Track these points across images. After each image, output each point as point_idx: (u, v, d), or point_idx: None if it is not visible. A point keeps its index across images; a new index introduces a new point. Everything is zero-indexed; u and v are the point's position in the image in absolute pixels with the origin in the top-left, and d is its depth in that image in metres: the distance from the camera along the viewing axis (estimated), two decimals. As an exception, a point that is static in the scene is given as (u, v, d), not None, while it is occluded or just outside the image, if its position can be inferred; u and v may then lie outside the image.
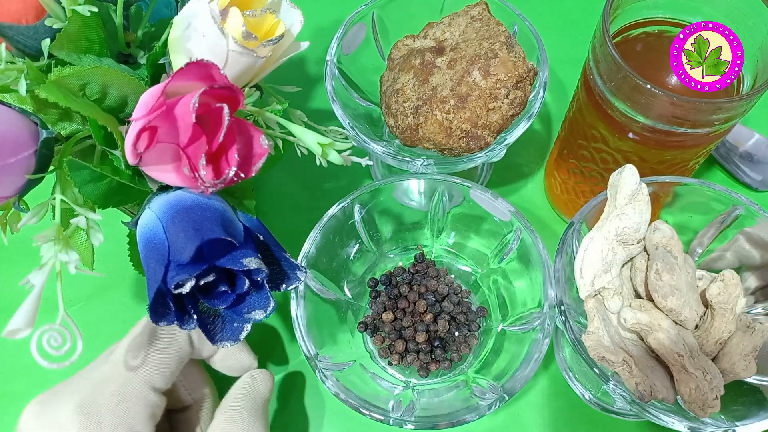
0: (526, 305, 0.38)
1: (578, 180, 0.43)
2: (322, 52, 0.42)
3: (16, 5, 0.29)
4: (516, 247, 0.39)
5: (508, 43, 0.37)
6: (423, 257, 0.43)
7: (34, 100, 0.29)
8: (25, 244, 0.33)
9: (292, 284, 0.32)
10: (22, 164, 0.26)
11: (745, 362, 0.30)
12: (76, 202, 0.29)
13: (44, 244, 0.27)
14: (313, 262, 0.38)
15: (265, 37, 0.30)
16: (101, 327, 0.45)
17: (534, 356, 0.34)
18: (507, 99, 0.37)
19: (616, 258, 0.32)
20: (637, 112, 0.33)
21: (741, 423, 0.29)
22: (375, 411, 0.33)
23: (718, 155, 0.50)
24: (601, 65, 0.34)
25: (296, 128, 0.32)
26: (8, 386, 0.44)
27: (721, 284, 0.31)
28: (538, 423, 0.42)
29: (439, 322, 0.40)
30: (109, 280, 0.47)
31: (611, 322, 0.32)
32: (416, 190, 0.41)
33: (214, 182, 0.26)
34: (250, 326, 0.30)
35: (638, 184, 0.33)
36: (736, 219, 0.35)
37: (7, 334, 0.26)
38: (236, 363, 0.38)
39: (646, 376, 0.30)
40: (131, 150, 0.26)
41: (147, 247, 0.28)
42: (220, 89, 0.25)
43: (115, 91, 0.29)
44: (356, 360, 0.39)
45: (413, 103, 0.38)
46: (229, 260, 0.28)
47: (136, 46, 0.34)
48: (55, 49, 0.29)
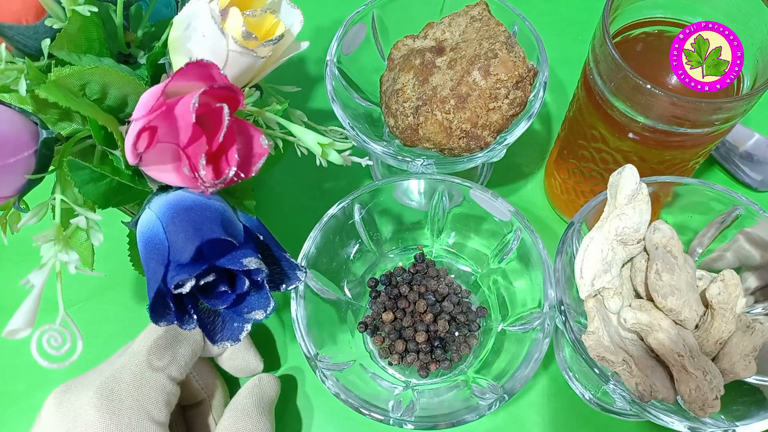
0: (526, 305, 0.38)
1: (578, 180, 0.43)
2: (322, 52, 0.42)
3: (16, 5, 0.29)
4: (516, 247, 0.39)
5: (508, 43, 0.37)
6: (423, 257, 0.43)
7: (34, 100, 0.29)
8: (25, 244, 0.33)
9: (292, 284, 0.32)
10: (22, 164, 0.26)
11: (745, 362, 0.30)
12: (76, 202, 0.29)
13: (44, 244, 0.27)
14: (313, 262, 0.38)
15: (265, 37, 0.30)
16: (101, 327, 0.45)
17: (534, 356, 0.34)
18: (507, 99, 0.37)
19: (616, 258, 0.32)
20: (637, 112, 0.33)
21: (741, 423, 0.29)
22: (375, 411, 0.33)
23: (718, 155, 0.50)
24: (601, 65, 0.34)
25: (296, 128, 0.32)
26: (8, 386, 0.44)
27: (721, 284, 0.31)
28: (538, 423, 0.42)
29: (439, 322, 0.40)
30: (109, 280, 0.47)
31: (611, 322, 0.32)
32: (416, 190, 0.41)
33: (214, 182, 0.26)
34: (250, 326, 0.30)
35: (638, 184, 0.33)
36: (736, 219, 0.35)
37: (7, 334, 0.26)
38: (243, 363, 0.40)
39: (646, 376, 0.30)
40: (131, 150, 0.26)
41: (147, 247, 0.28)
42: (220, 89, 0.25)
43: (115, 91, 0.29)
44: (356, 360, 0.39)
45: (413, 103, 0.38)
46: (229, 260, 0.28)
47: (136, 46, 0.34)
48: (55, 49, 0.29)
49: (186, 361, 0.36)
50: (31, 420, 0.33)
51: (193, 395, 0.39)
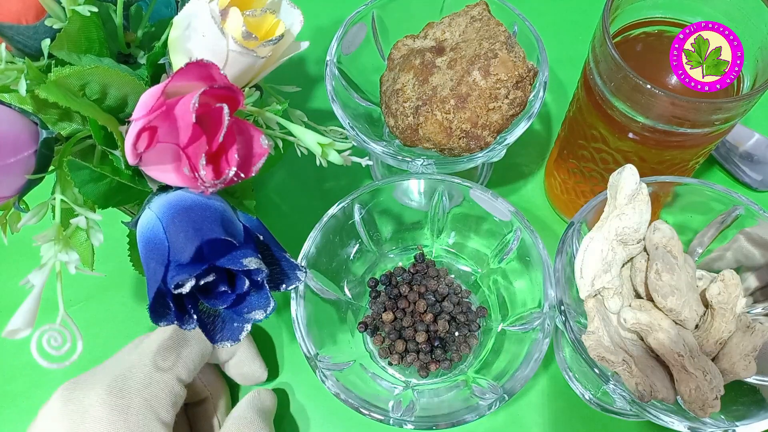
0: (526, 305, 0.38)
1: (578, 180, 0.43)
2: (322, 52, 0.42)
3: (16, 5, 0.29)
4: (516, 247, 0.39)
5: (508, 43, 0.37)
6: (423, 257, 0.43)
7: (34, 100, 0.29)
8: (25, 244, 0.33)
9: (292, 284, 0.32)
10: (22, 164, 0.26)
11: (745, 362, 0.30)
12: (76, 202, 0.29)
13: (44, 244, 0.27)
14: (313, 262, 0.38)
15: (265, 37, 0.30)
16: (101, 327, 0.45)
17: (534, 356, 0.34)
18: (507, 99, 0.37)
19: (616, 258, 0.32)
20: (637, 112, 0.33)
21: (741, 423, 0.29)
22: (375, 411, 0.33)
23: (718, 155, 0.50)
24: (601, 65, 0.34)
25: (296, 128, 0.32)
26: (8, 386, 0.44)
27: (721, 284, 0.31)
28: (538, 423, 0.42)
29: (439, 322, 0.40)
30: (109, 280, 0.47)
31: (611, 322, 0.32)
32: (416, 190, 0.41)
33: (214, 182, 0.26)
34: (250, 326, 0.30)
35: (638, 184, 0.33)
36: (736, 219, 0.35)
37: (7, 334, 0.26)
38: (249, 371, 0.41)
39: (646, 376, 0.30)
40: (131, 150, 0.26)
41: (147, 247, 0.28)
42: (220, 89, 0.25)
43: (115, 91, 0.29)
44: (356, 360, 0.39)
45: (413, 103, 0.38)
46: (229, 260, 0.28)
47: (136, 46, 0.34)
48: (55, 49, 0.29)
49: (195, 364, 0.36)
50: (31, 420, 0.33)
51: (197, 393, 0.39)
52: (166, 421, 0.33)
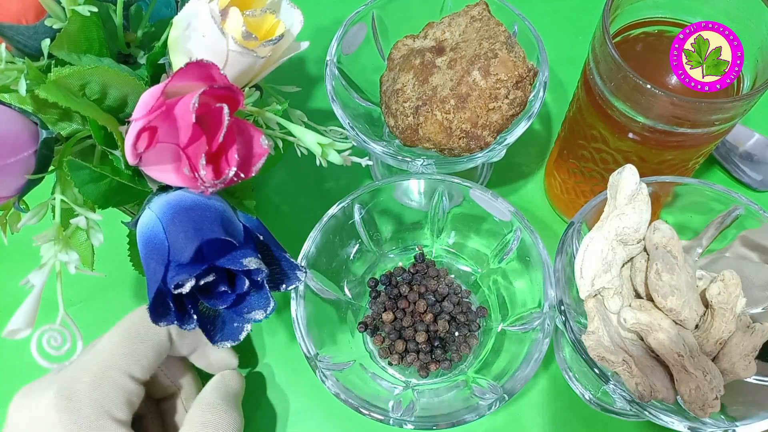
0: (526, 305, 0.38)
1: (578, 180, 0.43)
2: (322, 52, 0.42)
3: (16, 5, 0.29)
4: (516, 247, 0.39)
5: (508, 43, 0.37)
6: (423, 257, 0.43)
7: (34, 100, 0.29)
8: (25, 244, 0.33)
9: (292, 284, 0.32)
10: (22, 164, 0.26)
11: (745, 362, 0.30)
12: (76, 202, 0.29)
13: (44, 244, 0.27)
14: (313, 262, 0.38)
15: (265, 37, 0.30)
16: (101, 327, 0.45)
17: (534, 356, 0.34)
18: (507, 99, 0.37)
19: (616, 258, 0.32)
20: (637, 112, 0.33)
21: (741, 423, 0.29)
22: (375, 411, 0.33)
23: (718, 155, 0.50)
24: (601, 65, 0.34)
25: (296, 128, 0.32)
26: (8, 386, 0.44)
27: (721, 284, 0.31)
28: (538, 423, 0.42)
29: (439, 322, 0.40)
30: (109, 280, 0.47)
31: (611, 322, 0.32)
32: (416, 190, 0.41)
33: (214, 182, 0.26)
34: (250, 326, 0.30)
35: (638, 184, 0.33)
36: (735, 219, 0.35)
37: (7, 334, 0.26)
38: (215, 360, 0.40)
39: (646, 376, 0.30)
40: (131, 150, 0.26)
41: (147, 247, 0.28)
42: (220, 89, 0.25)
43: (115, 91, 0.29)
44: (356, 360, 0.39)
45: (413, 103, 0.38)
46: (229, 260, 0.28)
47: (136, 46, 0.34)
48: (55, 49, 0.29)
49: (149, 362, 0.36)
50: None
51: (164, 389, 0.39)
52: (121, 419, 0.33)
